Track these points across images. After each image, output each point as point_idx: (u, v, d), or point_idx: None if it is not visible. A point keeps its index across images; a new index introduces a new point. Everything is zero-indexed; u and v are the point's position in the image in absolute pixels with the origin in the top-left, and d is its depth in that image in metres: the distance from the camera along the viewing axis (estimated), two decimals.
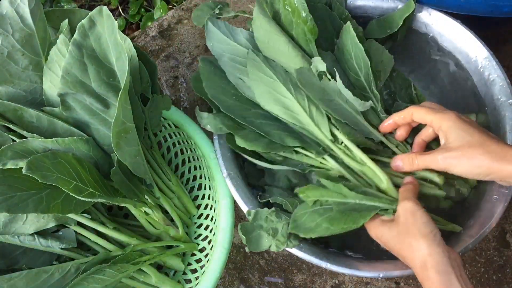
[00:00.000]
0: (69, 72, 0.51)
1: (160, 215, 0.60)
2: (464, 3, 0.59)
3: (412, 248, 0.45)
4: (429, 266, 0.43)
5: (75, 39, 0.50)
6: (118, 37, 0.50)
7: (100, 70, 0.52)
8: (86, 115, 0.53)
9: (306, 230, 0.50)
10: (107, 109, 0.53)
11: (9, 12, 0.52)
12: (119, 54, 0.51)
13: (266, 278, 0.69)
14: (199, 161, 0.68)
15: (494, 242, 0.69)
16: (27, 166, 0.44)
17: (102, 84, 0.52)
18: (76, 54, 0.51)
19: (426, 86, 0.70)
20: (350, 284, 0.68)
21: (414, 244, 0.44)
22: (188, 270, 0.63)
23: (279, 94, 0.55)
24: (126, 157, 0.52)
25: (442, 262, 0.43)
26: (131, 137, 0.53)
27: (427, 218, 0.46)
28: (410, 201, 0.47)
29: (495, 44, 0.61)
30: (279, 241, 0.52)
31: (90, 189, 0.49)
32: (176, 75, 0.85)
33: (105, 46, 0.51)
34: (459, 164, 0.46)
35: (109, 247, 0.57)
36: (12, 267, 0.54)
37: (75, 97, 0.52)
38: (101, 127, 0.54)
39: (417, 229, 0.45)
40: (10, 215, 0.51)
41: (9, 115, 0.52)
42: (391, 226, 0.48)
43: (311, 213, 0.51)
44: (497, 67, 0.57)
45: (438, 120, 0.49)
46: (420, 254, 0.44)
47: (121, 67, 0.51)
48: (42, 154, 0.47)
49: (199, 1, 0.92)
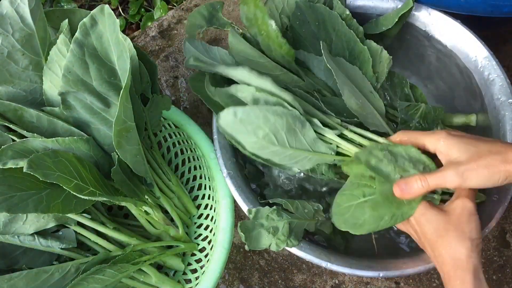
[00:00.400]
0: (71, 71, 0.51)
1: (160, 214, 0.60)
2: (464, 3, 0.59)
3: (451, 245, 0.44)
4: (466, 267, 0.43)
5: (76, 37, 0.50)
6: (120, 36, 0.50)
7: (101, 69, 0.52)
8: (87, 114, 0.53)
9: (355, 226, 0.47)
10: (108, 108, 0.53)
11: (9, 12, 0.52)
12: (121, 52, 0.51)
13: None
14: (199, 161, 0.68)
15: (494, 242, 0.69)
16: (28, 164, 0.45)
17: (103, 83, 0.52)
18: (77, 53, 0.50)
19: (426, 86, 0.70)
20: (350, 284, 0.68)
21: (456, 241, 0.44)
22: (188, 270, 0.63)
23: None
24: (127, 156, 0.52)
25: (478, 268, 0.43)
26: (132, 136, 0.53)
27: (480, 225, 0.45)
28: (472, 202, 0.46)
29: (495, 44, 0.61)
30: (280, 239, 0.52)
31: (91, 188, 0.49)
32: (176, 75, 0.85)
33: (106, 44, 0.51)
34: (476, 176, 0.44)
35: (109, 247, 0.57)
36: (12, 267, 0.54)
37: (76, 96, 0.52)
38: (102, 126, 0.54)
39: (468, 231, 0.44)
40: (10, 215, 0.51)
41: (9, 115, 0.52)
42: (441, 214, 0.46)
43: (358, 205, 0.48)
44: (497, 67, 0.57)
45: (432, 141, 0.48)
46: (459, 253, 0.44)
47: (122, 66, 0.51)
48: (43, 152, 0.47)
49: (199, 1, 0.92)
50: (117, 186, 0.53)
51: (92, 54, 0.51)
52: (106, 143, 0.55)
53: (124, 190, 0.54)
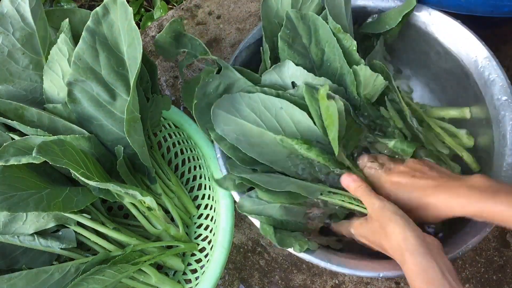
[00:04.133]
0: (81, 58, 0.52)
1: (161, 212, 0.60)
2: (464, 3, 0.59)
3: (388, 237, 0.46)
4: (404, 249, 0.43)
5: (88, 25, 0.51)
6: (133, 23, 0.51)
7: (110, 58, 0.52)
8: (92, 107, 0.53)
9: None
10: (114, 100, 0.53)
11: (10, 11, 0.52)
12: (132, 39, 0.51)
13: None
14: (199, 161, 0.68)
15: (494, 242, 0.69)
16: (37, 150, 0.45)
17: (112, 72, 0.53)
18: (89, 40, 0.51)
19: (426, 84, 0.70)
20: (350, 284, 0.68)
21: (389, 232, 0.46)
22: (188, 270, 0.63)
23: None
24: (136, 146, 0.53)
25: (416, 244, 0.43)
26: (138, 127, 0.54)
27: (395, 207, 0.47)
28: (375, 201, 0.49)
29: (495, 44, 0.61)
30: (302, 242, 0.53)
31: (96, 178, 0.50)
32: (176, 75, 0.85)
33: (117, 34, 0.52)
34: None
35: (109, 247, 0.57)
36: (12, 267, 0.54)
37: (82, 87, 0.52)
38: (106, 121, 0.54)
39: (388, 219, 0.46)
40: (10, 215, 0.51)
41: (10, 114, 0.52)
42: (367, 224, 0.50)
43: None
44: (497, 67, 0.57)
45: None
46: (395, 240, 0.45)
47: (132, 54, 0.52)
48: (50, 140, 0.48)
49: (199, 1, 0.92)
50: (123, 177, 0.54)
51: (103, 43, 0.52)
52: (109, 139, 0.55)
53: (128, 183, 0.55)
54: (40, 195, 0.47)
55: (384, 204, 0.48)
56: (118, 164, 0.53)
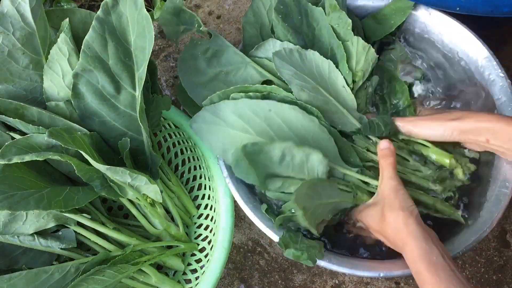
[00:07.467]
0: (90, 47, 0.52)
1: (162, 210, 0.60)
2: (464, 3, 0.59)
3: (391, 223, 0.47)
4: (406, 233, 0.45)
5: (98, 15, 0.52)
6: (145, 11, 0.52)
7: (118, 48, 0.53)
8: (96, 100, 0.54)
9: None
10: (118, 94, 0.54)
11: (10, 11, 0.52)
12: (142, 29, 0.52)
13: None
14: (199, 161, 0.68)
15: (494, 242, 0.69)
16: (49, 133, 0.46)
17: (119, 62, 0.53)
18: (98, 29, 0.52)
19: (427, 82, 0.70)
20: (350, 284, 0.68)
21: (392, 217, 0.47)
22: (188, 270, 0.63)
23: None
24: (145, 134, 0.55)
25: (417, 230, 0.45)
26: (144, 118, 0.55)
27: (407, 194, 0.49)
28: (394, 180, 0.50)
29: (495, 44, 0.61)
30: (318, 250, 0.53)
31: (105, 163, 0.50)
32: (176, 75, 0.85)
33: (125, 25, 0.53)
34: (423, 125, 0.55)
35: (109, 247, 0.57)
36: (12, 267, 0.54)
37: (88, 78, 0.53)
38: (109, 116, 0.55)
39: (398, 203, 0.48)
40: (10, 215, 0.51)
41: (10, 114, 0.52)
42: (373, 205, 0.51)
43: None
44: (497, 67, 0.58)
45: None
46: (397, 224, 0.47)
47: (140, 44, 0.53)
48: (59, 127, 0.49)
49: (199, 1, 0.92)
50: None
51: (111, 33, 0.53)
52: (112, 136, 0.55)
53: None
54: (41, 193, 0.47)
55: (400, 188, 0.49)
56: (124, 156, 0.53)
